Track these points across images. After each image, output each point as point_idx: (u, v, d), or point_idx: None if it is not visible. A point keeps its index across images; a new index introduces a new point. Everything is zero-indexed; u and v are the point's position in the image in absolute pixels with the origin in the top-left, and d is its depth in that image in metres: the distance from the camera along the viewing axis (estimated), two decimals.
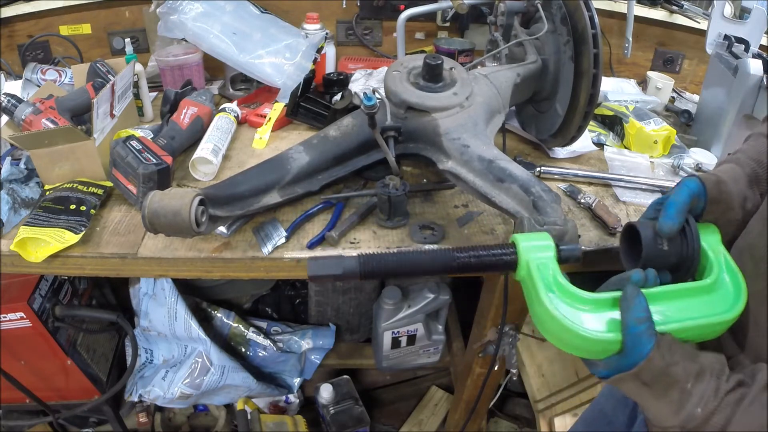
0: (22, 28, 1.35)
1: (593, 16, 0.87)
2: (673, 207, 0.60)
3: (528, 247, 0.58)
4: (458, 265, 0.59)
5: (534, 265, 0.57)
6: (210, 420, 1.50)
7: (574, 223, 0.66)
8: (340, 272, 0.57)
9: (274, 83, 1.21)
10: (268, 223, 0.85)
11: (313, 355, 1.48)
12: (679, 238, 0.61)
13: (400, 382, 1.81)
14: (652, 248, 0.60)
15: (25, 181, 0.90)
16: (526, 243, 0.58)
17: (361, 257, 0.57)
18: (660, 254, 0.61)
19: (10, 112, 0.96)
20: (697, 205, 0.62)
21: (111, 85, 0.94)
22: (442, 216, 0.90)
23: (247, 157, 1.05)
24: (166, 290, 1.25)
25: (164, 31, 1.20)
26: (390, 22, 1.48)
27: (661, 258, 0.61)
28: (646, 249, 0.60)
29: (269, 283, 1.52)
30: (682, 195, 0.61)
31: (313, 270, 0.57)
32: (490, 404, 1.54)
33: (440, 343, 1.44)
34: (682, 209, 0.60)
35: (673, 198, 0.61)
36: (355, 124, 0.88)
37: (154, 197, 0.71)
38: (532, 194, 0.70)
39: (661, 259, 0.61)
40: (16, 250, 0.77)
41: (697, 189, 0.61)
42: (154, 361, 1.35)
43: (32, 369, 1.11)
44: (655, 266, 0.61)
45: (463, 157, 0.79)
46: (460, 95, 0.83)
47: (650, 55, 1.57)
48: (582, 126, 0.96)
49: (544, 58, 0.98)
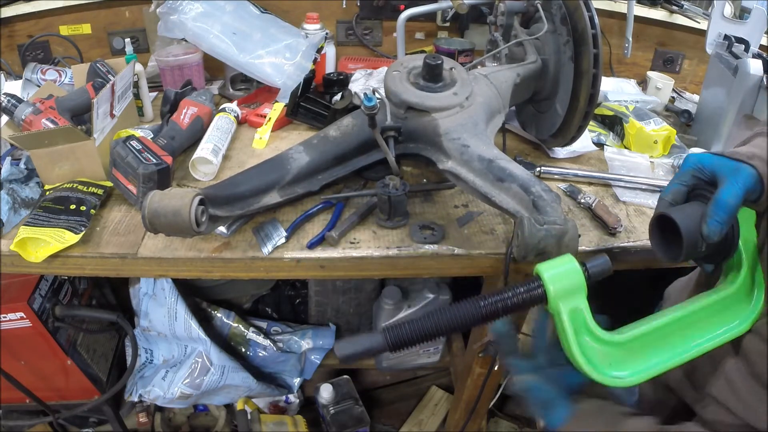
0: (22, 28, 1.35)
1: (593, 16, 0.87)
2: (724, 210, 0.49)
3: (553, 276, 0.54)
4: (485, 314, 0.55)
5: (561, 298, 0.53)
6: (210, 420, 1.50)
7: (574, 222, 0.66)
8: (368, 346, 0.55)
9: (274, 83, 1.21)
10: (268, 223, 0.85)
11: (313, 355, 1.48)
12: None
13: (400, 382, 1.81)
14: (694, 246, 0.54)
15: (25, 181, 0.90)
16: (550, 273, 0.54)
17: (387, 331, 0.55)
18: (697, 254, 0.56)
19: (10, 112, 0.96)
20: (750, 198, 0.51)
21: (111, 85, 0.94)
22: (442, 216, 0.90)
23: (247, 157, 1.05)
24: (166, 290, 1.25)
25: (164, 31, 1.20)
26: (390, 22, 1.47)
27: (696, 256, 0.57)
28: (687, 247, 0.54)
29: (269, 283, 1.52)
30: (735, 192, 0.49)
31: (342, 351, 0.55)
32: (490, 404, 1.54)
33: (440, 343, 1.44)
34: (734, 211, 0.50)
35: (725, 195, 0.50)
36: (355, 124, 0.88)
37: (154, 197, 0.71)
38: (532, 194, 0.70)
39: (696, 256, 0.57)
40: (16, 250, 0.77)
41: (753, 182, 0.50)
42: (154, 361, 1.35)
43: (32, 369, 1.11)
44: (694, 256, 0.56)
45: (463, 156, 0.79)
46: (460, 95, 0.83)
47: (650, 55, 1.57)
48: (582, 126, 0.96)
49: (544, 58, 0.98)
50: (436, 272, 0.85)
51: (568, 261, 0.55)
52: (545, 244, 0.64)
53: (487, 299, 0.55)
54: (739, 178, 0.50)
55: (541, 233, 0.64)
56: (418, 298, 1.34)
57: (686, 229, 0.53)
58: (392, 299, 1.30)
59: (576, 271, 0.54)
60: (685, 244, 0.53)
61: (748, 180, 0.50)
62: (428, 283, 1.36)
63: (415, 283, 1.39)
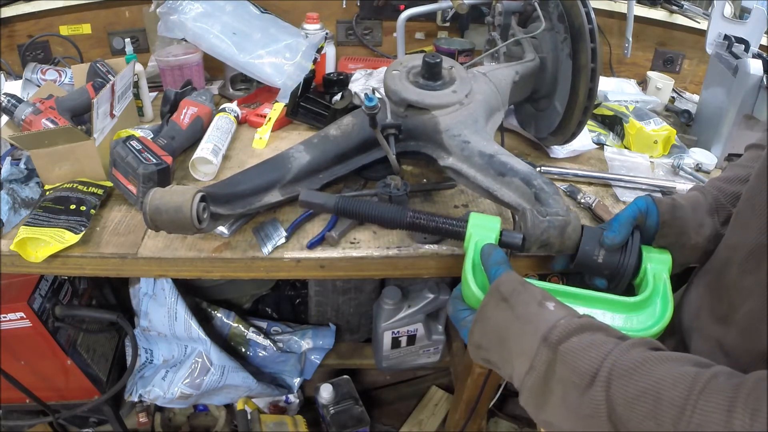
0: (22, 28, 1.35)
1: (590, 12, 0.88)
2: (617, 222, 0.63)
3: (477, 224, 0.65)
4: (408, 223, 0.68)
5: (474, 239, 0.64)
6: (210, 420, 1.50)
7: (577, 214, 0.66)
8: (322, 202, 0.70)
9: (274, 83, 1.21)
10: (268, 223, 0.85)
11: (313, 355, 1.48)
12: (618, 254, 0.64)
13: (400, 382, 1.81)
14: (587, 257, 0.65)
15: (25, 181, 0.90)
16: (476, 221, 0.66)
17: (340, 199, 0.70)
18: (593, 264, 0.65)
19: (10, 112, 0.96)
20: (647, 224, 0.65)
21: (111, 85, 0.94)
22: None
23: (247, 157, 1.05)
24: (166, 290, 1.25)
25: (164, 31, 1.20)
26: (390, 22, 1.47)
27: (593, 267, 0.65)
28: (580, 256, 0.65)
29: (269, 283, 1.52)
30: (628, 211, 0.64)
31: (304, 197, 0.70)
32: (490, 404, 1.54)
33: (440, 343, 1.44)
34: (626, 224, 0.63)
35: (620, 213, 0.64)
36: (356, 123, 0.88)
37: (155, 194, 0.71)
38: (533, 186, 0.70)
39: (593, 268, 0.65)
40: (16, 250, 0.77)
41: (645, 206, 0.64)
42: (154, 361, 1.35)
43: (32, 369, 1.11)
44: (587, 272, 0.66)
45: (463, 153, 0.79)
46: (460, 93, 0.83)
47: (650, 55, 1.57)
48: (582, 121, 0.95)
49: (542, 56, 0.99)
50: (436, 272, 0.85)
51: (495, 221, 0.66)
52: (548, 236, 0.64)
53: (419, 214, 0.68)
54: (633, 203, 0.65)
55: (544, 224, 0.64)
56: (418, 298, 1.34)
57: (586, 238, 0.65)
58: (392, 299, 1.30)
59: (494, 230, 0.65)
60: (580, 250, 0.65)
61: (640, 204, 0.65)
62: (428, 283, 1.36)
63: (415, 283, 1.39)
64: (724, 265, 0.57)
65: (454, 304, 0.64)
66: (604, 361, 0.44)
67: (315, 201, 0.70)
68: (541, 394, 0.48)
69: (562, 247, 0.65)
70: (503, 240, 0.65)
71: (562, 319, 0.49)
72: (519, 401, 0.50)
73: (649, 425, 0.39)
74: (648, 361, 0.43)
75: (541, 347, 0.48)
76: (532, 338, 0.49)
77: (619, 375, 0.43)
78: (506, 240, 0.65)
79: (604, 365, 0.44)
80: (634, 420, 0.40)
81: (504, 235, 0.65)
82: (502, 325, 0.53)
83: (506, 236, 0.65)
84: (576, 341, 0.46)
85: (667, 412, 0.39)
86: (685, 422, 0.38)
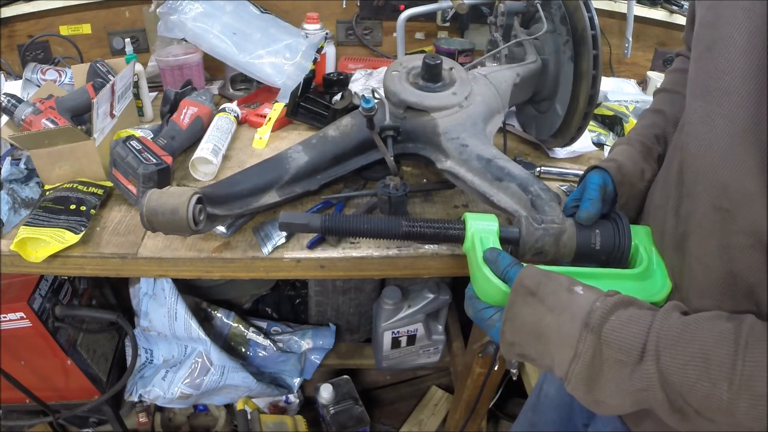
0: (22, 28, 1.35)
1: (593, 17, 0.87)
2: (588, 201, 0.66)
3: (475, 224, 0.65)
4: (404, 233, 0.65)
5: (477, 237, 0.64)
6: (210, 420, 1.50)
7: (573, 221, 0.66)
8: (306, 222, 0.66)
9: (274, 83, 1.21)
10: (268, 223, 0.85)
11: (313, 355, 1.48)
12: (613, 237, 0.65)
13: (400, 382, 1.81)
14: (586, 246, 0.65)
15: (25, 181, 0.90)
16: (474, 221, 0.65)
17: (326, 217, 0.66)
18: (591, 251, 0.65)
19: (10, 112, 0.96)
20: (608, 193, 0.68)
21: (111, 85, 0.94)
22: (441, 216, 0.90)
23: (247, 157, 1.05)
24: (166, 290, 1.25)
25: (164, 31, 1.20)
26: (390, 22, 1.48)
27: (592, 255, 0.65)
28: (579, 246, 0.65)
29: (269, 283, 1.52)
30: (591, 191, 0.66)
31: (284, 218, 0.65)
32: (490, 404, 1.54)
33: (440, 343, 1.44)
34: (595, 200, 0.65)
35: (586, 194, 0.66)
36: (354, 124, 0.88)
37: (152, 195, 0.71)
38: (530, 193, 0.70)
39: (593, 256, 0.65)
40: (16, 250, 0.77)
41: (602, 179, 0.67)
42: (154, 361, 1.35)
43: (32, 369, 1.11)
44: (586, 261, 0.66)
45: (461, 156, 0.79)
46: (459, 95, 0.83)
47: (650, 55, 1.57)
48: (582, 126, 0.96)
49: (544, 59, 0.98)
50: (436, 272, 0.85)
51: (492, 219, 0.66)
52: (543, 243, 0.64)
53: (414, 222, 0.65)
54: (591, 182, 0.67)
55: (538, 232, 0.64)
56: (418, 298, 1.34)
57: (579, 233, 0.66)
58: (392, 299, 1.30)
59: (494, 226, 0.65)
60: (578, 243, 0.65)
61: (597, 180, 0.67)
62: (428, 283, 1.36)
63: (415, 283, 1.39)
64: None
65: (473, 305, 0.64)
66: (648, 335, 0.46)
67: (297, 222, 0.66)
68: (589, 378, 0.49)
69: (557, 255, 0.65)
70: (503, 236, 0.65)
71: (597, 301, 0.50)
72: (566, 389, 0.51)
73: (703, 386, 0.42)
74: (688, 325, 0.45)
75: (583, 333, 0.49)
76: (571, 326, 0.50)
77: (666, 345, 0.45)
78: (505, 236, 0.66)
79: (650, 339, 0.46)
80: (687, 383, 0.43)
81: (502, 231, 0.66)
82: (535, 319, 0.53)
83: (504, 232, 0.66)
84: (615, 320, 0.48)
85: (719, 370, 0.41)
86: (738, 375, 0.41)
